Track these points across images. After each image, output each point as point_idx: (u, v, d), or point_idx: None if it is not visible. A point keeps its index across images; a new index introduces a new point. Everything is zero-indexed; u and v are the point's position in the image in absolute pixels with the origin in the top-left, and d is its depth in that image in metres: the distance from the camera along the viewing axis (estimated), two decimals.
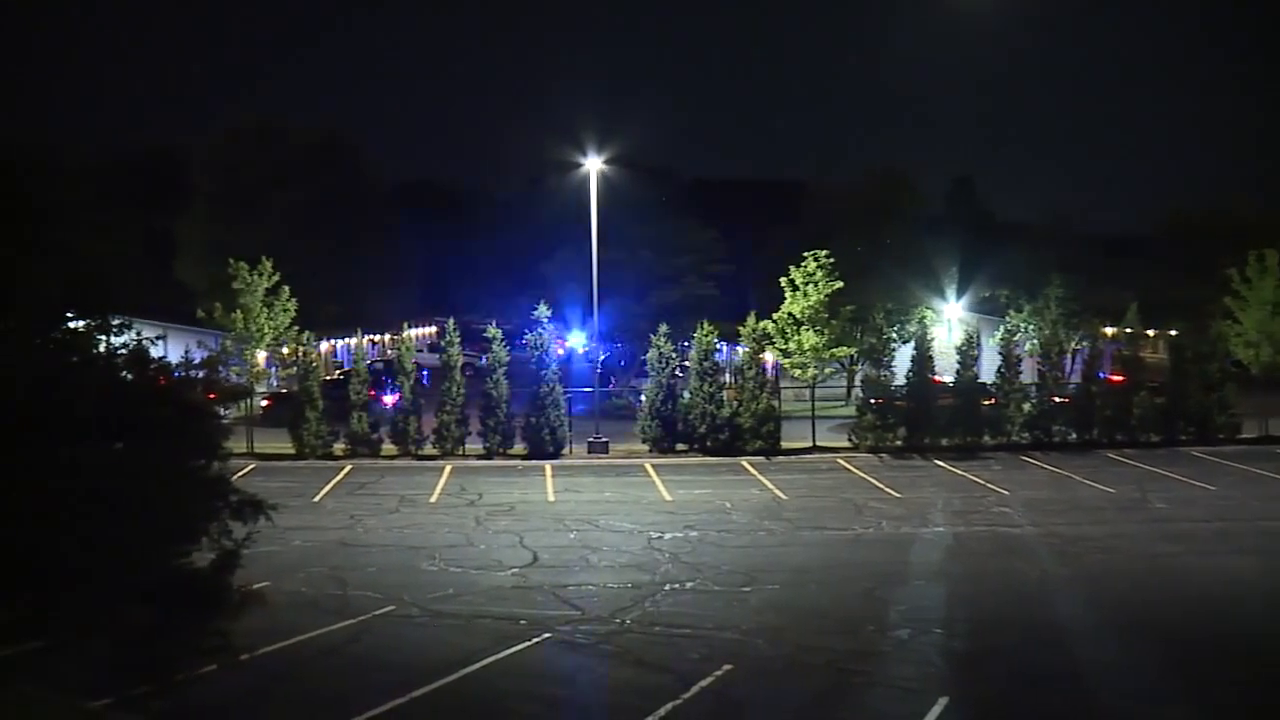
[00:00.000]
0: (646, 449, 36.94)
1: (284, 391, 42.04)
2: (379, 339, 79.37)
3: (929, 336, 39.72)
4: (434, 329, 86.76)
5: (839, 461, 35.41)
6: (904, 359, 39.35)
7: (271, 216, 54.05)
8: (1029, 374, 40.26)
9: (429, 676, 14.88)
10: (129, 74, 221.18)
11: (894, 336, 47.10)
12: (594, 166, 40.22)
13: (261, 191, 56.10)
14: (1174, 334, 44.19)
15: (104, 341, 10.88)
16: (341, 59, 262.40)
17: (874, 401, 37.78)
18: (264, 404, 41.25)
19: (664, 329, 37.79)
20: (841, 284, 41.68)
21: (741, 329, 38.45)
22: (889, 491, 29.96)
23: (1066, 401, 38.74)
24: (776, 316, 41.49)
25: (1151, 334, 49.54)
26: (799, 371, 41.91)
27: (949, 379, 38.69)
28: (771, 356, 42.86)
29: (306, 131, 63.74)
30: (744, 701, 14.46)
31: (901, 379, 38.24)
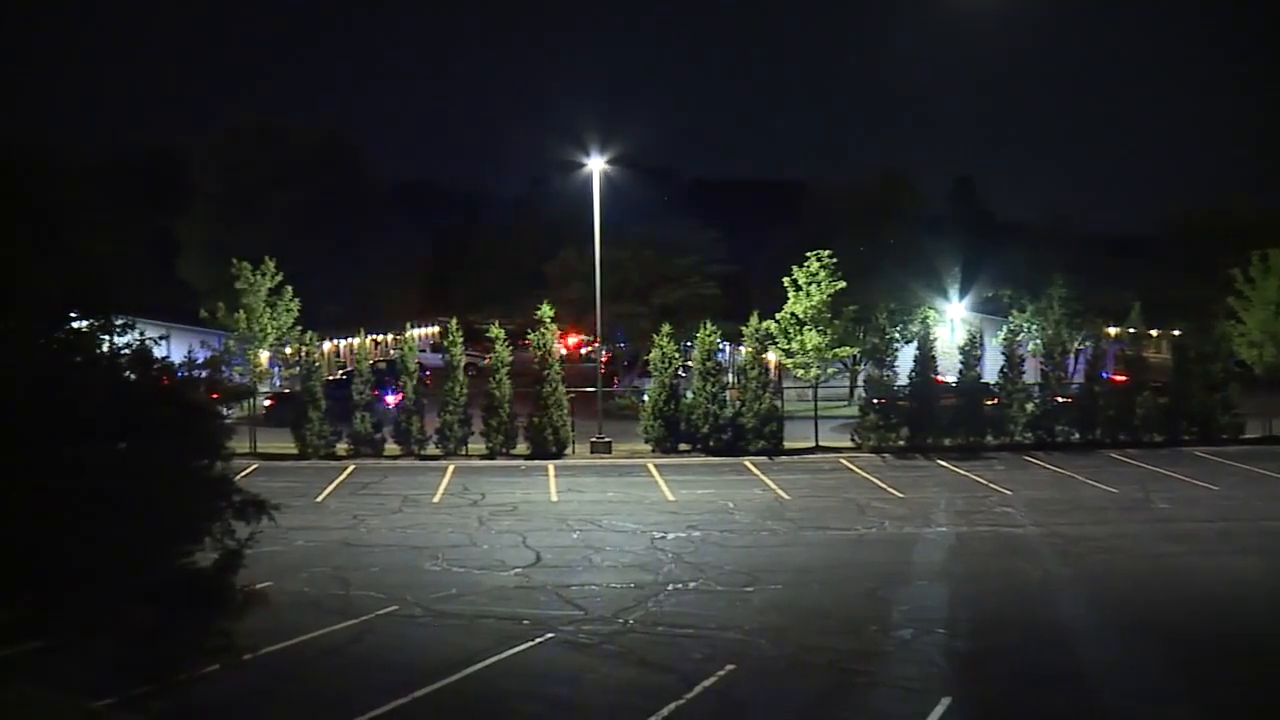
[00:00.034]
0: (649, 449, 36.93)
1: (287, 391, 42.05)
2: (382, 339, 79.38)
3: (932, 336, 39.68)
4: (436, 329, 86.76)
5: (842, 461, 35.40)
6: (907, 359, 39.29)
7: (273, 216, 54.11)
8: (1032, 374, 40.23)
9: (432, 676, 14.89)
10: (129, 74, 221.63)
11: (897, 336, 47.05)
12: (597, 166, 40.20)
13: (263, 191, 56.15)
14: (1177, 334, 44.17)
15: (107, 341, 10.88)
16: (342, 59, 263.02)
17: (877, 401, 37.77)
18: (267, 404, 41.27)
19: (667, 329, 37.78)
20: (844, 284, 41.69)
21: (744, 329, 38.40)
22: (892, 491, 29.95)
23: (1069, 401, 38.71)
24: (779, 316, 41.50)
25: (1154, 334, 49.57)
26: (802, 371, 41.93)
27: (952, 379, 38.65)
28: (774, 356, 42.86)
29: (308, 131, 63.79)
30: (747, 701, 14.46)
31: (904, 379, 38.23)
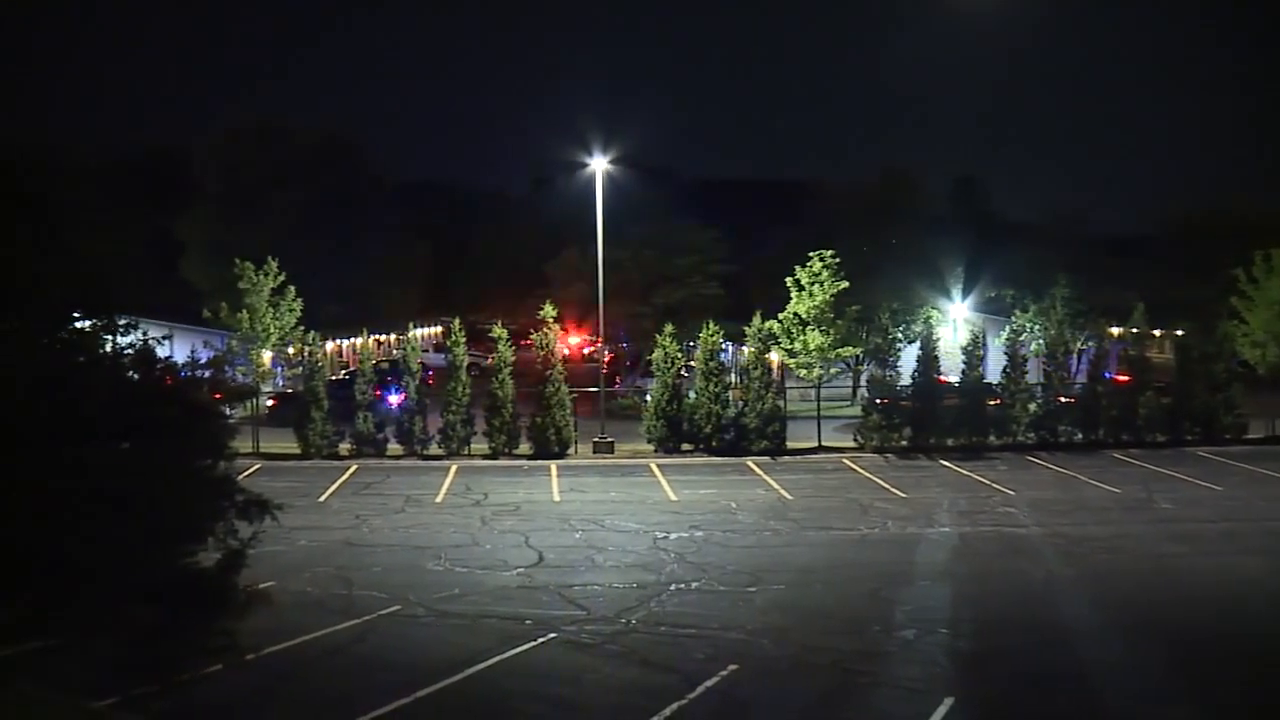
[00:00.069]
0: (652, 449, 36.92)
1: (289, 391, 42.08)
2: (384, 339, 79.44)
3: (934, 336, 39.67)
4: (439, 329, 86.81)
5: (844, 461, 35.37)
6: (909, 359, 39.33)
7: (275, 216, 54.17)
8: (1035, 374, 40.21)
9: (434, 676, 14.89)
10: (130, 74, 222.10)
11: (899, 336, 47.03)
12: (599, 166, 40.18)
13: (265, 192, 56.23)
14: (1180, 334, 44.13)
15: (110, 341, 10.88)
16: (344, 59, 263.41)
17: (879, 401, 37.74)
18: (270, 404, 41.30)
19: (669, 329, 37.77)
20: (847, 284, 41.69)
21: (747, 329, 38.39)
22: (894, 491, 29.93)
23: (1072, 402, 38.69)
24: (782, 316, 41.49)
25: (1157, 334, 49.51)
26: (804, 371, 41.91)
27: (955, 379, 38.64)
28: (777, 356, 42.85)
29: (309, 131, 63.86)
30: (749, 702, 14.45)
31: (907, 379, 38.21)
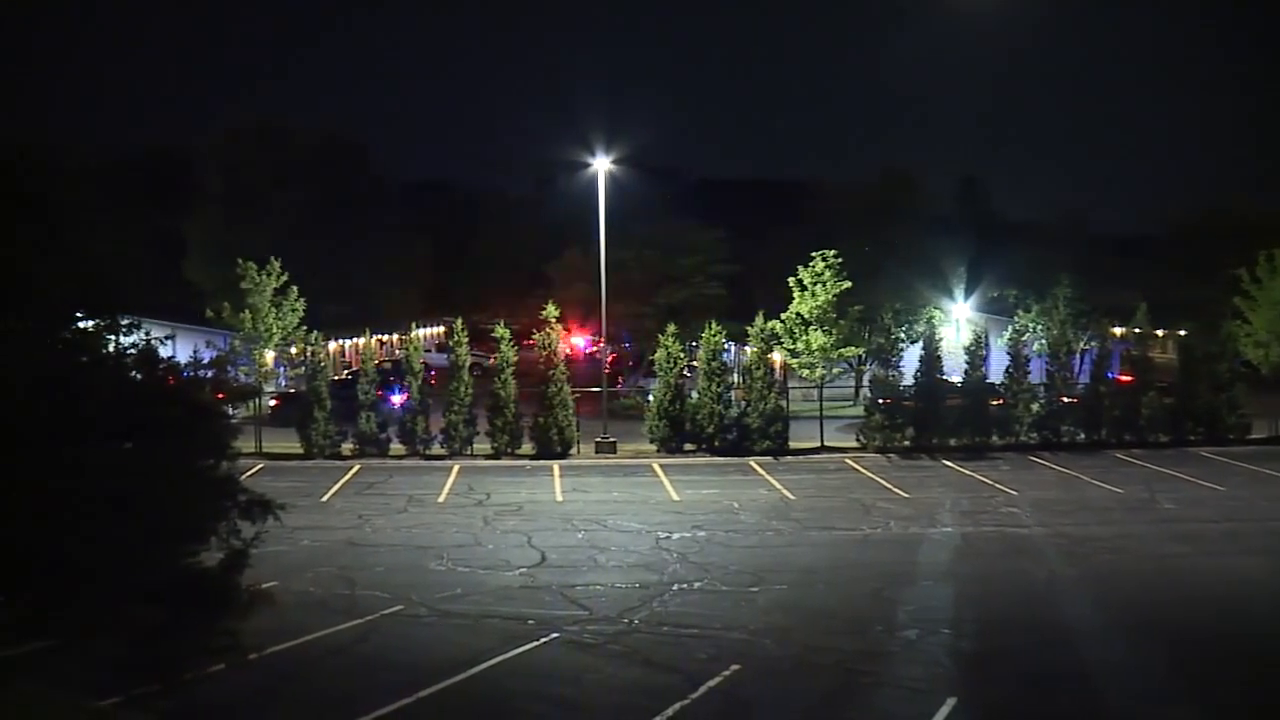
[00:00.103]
0: (654, 449, 36.91)
1: (292, 391, 42.10)
2: (387, 339, 79.44)
3: (937, 337, 39.65)
4: (442, 329, 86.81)
5: (847, 461, 35.36)
6: (912, 359, 39.30)
7: (278, 216, 54.15)
8: (1037, 374, 40.18)
9: (437, 676, 14.90)
10: (132, 74, 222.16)
11: (902, 337, 46.90)
12: (602, 166, 40.17)
13: (267, 192, 56.21)
14: (1183, 334, 44.09)
15: (113, 341, 10.89)
16: (346, 59, 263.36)
17: (882, 401, 37.73)
18: (272, 404, 41.31)
19: (671, 329, 37.76)
20: (849, 284, 41.60)
21: (749, 329, 38.37)
22: (897, 492, 29.92)
23: (1075, 402, 38.66)
24: (784, 316, 41.42)
25: (1160, 334, 49.45)
26: (807, 371, 41.85)
27: (957, 379, 38.61)
28: (779, 356, 42.82)
29: (311, 132, 63.82)
30: (752, 702, 14.45)
31: (910, 379, 38.21)
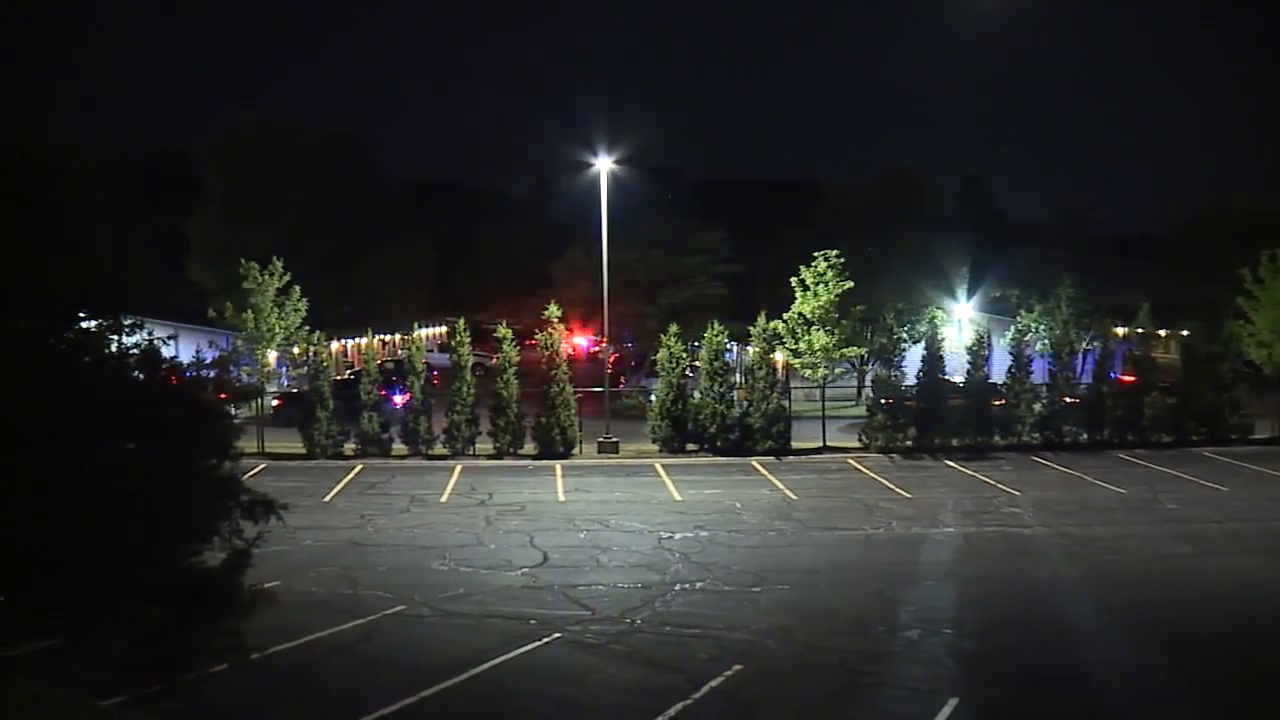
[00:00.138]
0: (656, 449, 36.91)
1: (295, 391, 42.14)
2: (390, 339, 79.47)
3: (939, 337, 39.61)
4: (444, 329, 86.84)
5: (849, 462, 35.35)
6: (914, 359, 39.27)
7: (282, 216, 54.14)
8: (1040, 374, 40.16)
9: (439, 676, 14.92)
10: (135, 74, 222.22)
11: (904, 336, 46.90)
12: (604, 166, 40.17)
13: (271, 191, 56.19)
14: (1185, 334, 44.03)
15: (116, 341, 10.91)
16: (349, 60, 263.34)
17: (884, 402, 37.71)
18: (275, 404, 41.35)
19: (674, 329, 37.73)
20: (852, 284, 41.57)
21: (752, 329, 38.36)
22: (899, 492, 29.91)
23: (1077, 402, 38.63)
24: (787, 316, 41.41)
25: (1163, 334, 49.38)
26: (809, 371, 41.84)
27: (959, 379, 38.60)
28: (782, 356, 42.81)
29: (315, 132, 63.77)
30: (754, 702, 14.45)
31: (912, 379, 38.20)
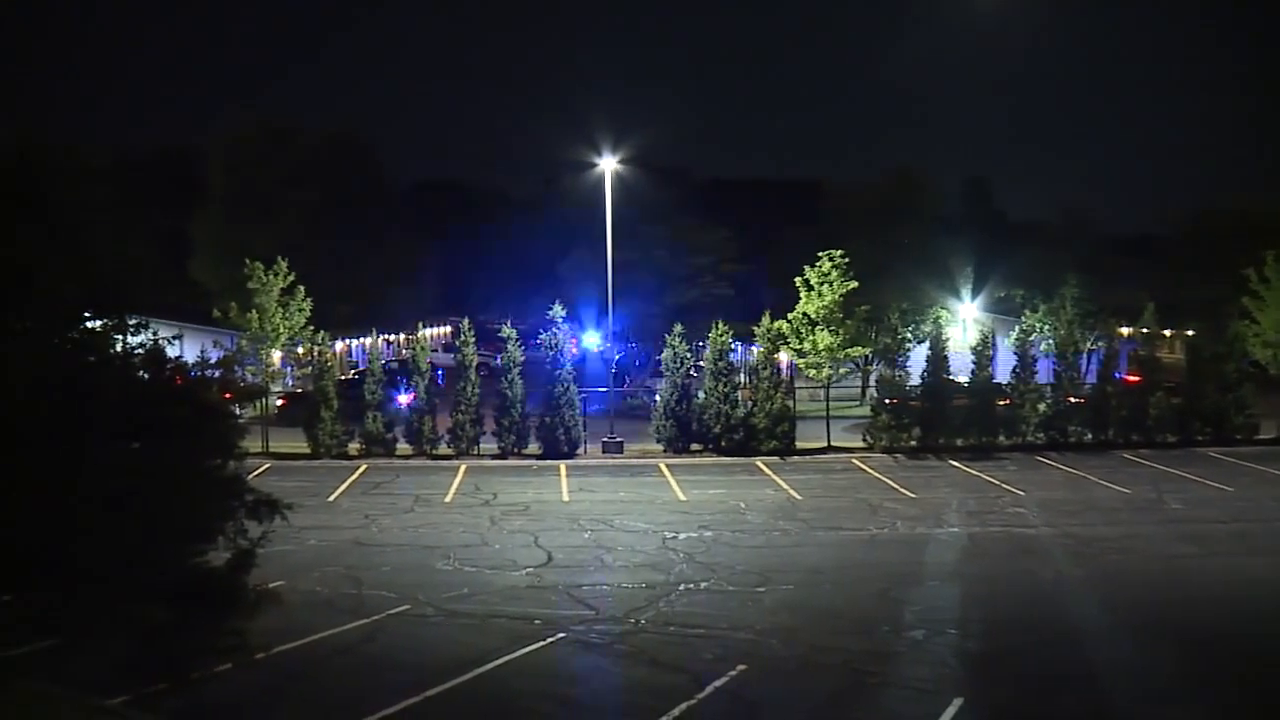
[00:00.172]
0: (661, 449, 36.89)
1: (299, 391, 42.16)
2: (394, 339, 79.53)
3: (944, 336, 39.58)
4: (449, 329, 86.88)
5: (854, 462, 35.33)
6: (919, 359, 39.24)
7: (285, 216, 54.15)
8: (1044, 374, 40.11)
9: (443, 676, 14.91)
10: (138, 74, 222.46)
11: (909, 336, 46.92)
12: (609, 166, 40.19)
13: (275, 191, 56.22)
14: (1191, 334, 43.95)
15: (120, 341, 10.93)
16: (354, 59, 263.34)
17: (889, 401, 37.68)
18: (279, 403, 41.36)
19: (679, 329, 37.70)
20: (856, 284, 41.58)
21: (756, 329, 38.35)
22: (904, 492, 29.89)
23: (1082, 402, 38.57)
24: (791, 316, 41.41)
25: (1168, 334, 49.24)
26: (814, 371, 41.83)
27: (964, 379, 38.56)
28: (786, 356, 42.79)
29: (319, 132, 63.85)
30: (758, 702, 14.44)
31: (916, 379, 38.13)
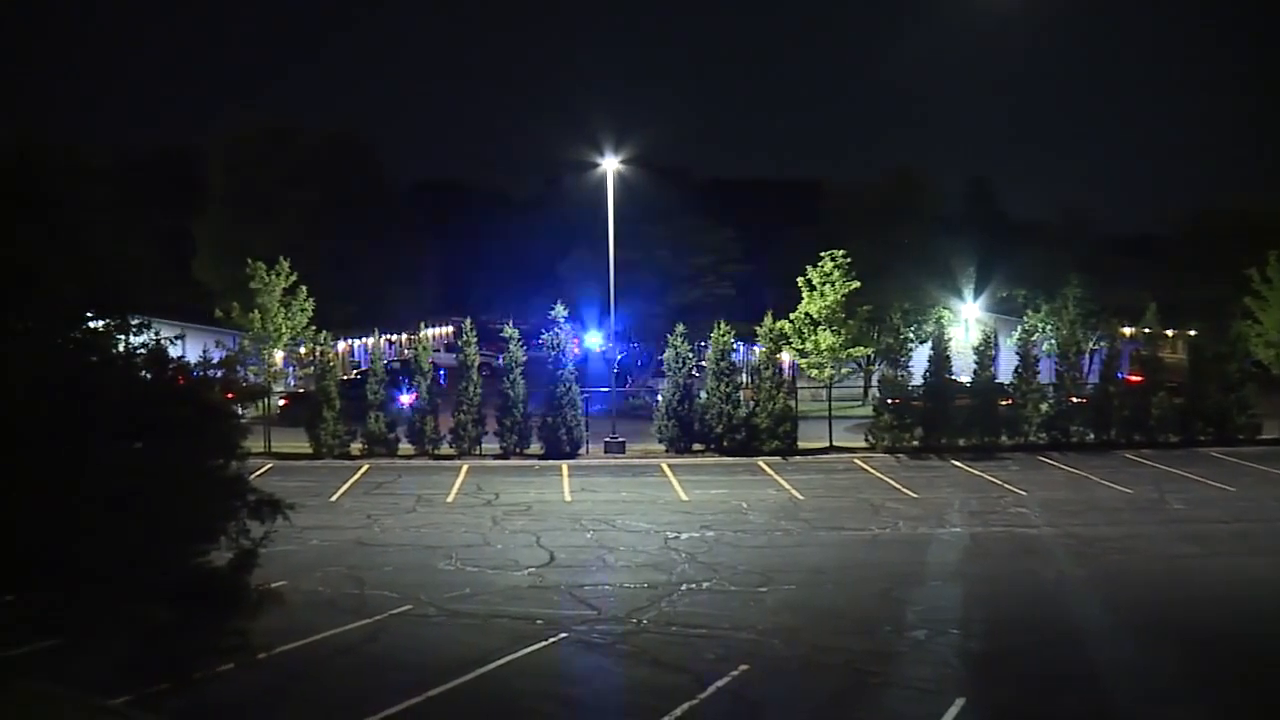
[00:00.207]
0: (663, 449, 36.90)
1: (301, 391, 42.19)
2: (396, 339, 79.57)
3: (946, 337, 39.57)
4: (451, 329, 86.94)
5: (856, 461, 35.32)
6: (921, 359, 39.22)
7: (286, 216, 54.19)
8: (1046, 374, 40.10)
9: (445, 676, 14.91)
10: (140, 74, 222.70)
11: (911, 336, 46.93)
12: (610, 166, 40.21)
13: (277, 192, 56.26)
14: (1193, 334, 43.92)
15: (123, 341, 10.93)
16: (355, 59, 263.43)
17: (891, 401, 37.66)
18: (281, 403, 41.39)
19: (681, 329, 37.70)
20: (858, 284, 41.62)
21: (758, 329, 38.37)
22: (906, 492, 29.88)
23: (1084, 402, 38.55)
24: (793, 316, 41.44)
25: (1170, 334, 49.24)
26: (816, 371, 41.86)
27: (966, 379, 38.55)
28: (788, 356, 42.78)
29: (321, 132, 63.92)
30: (760, 702, 14.44)
31: (918, 379, 38.11)
